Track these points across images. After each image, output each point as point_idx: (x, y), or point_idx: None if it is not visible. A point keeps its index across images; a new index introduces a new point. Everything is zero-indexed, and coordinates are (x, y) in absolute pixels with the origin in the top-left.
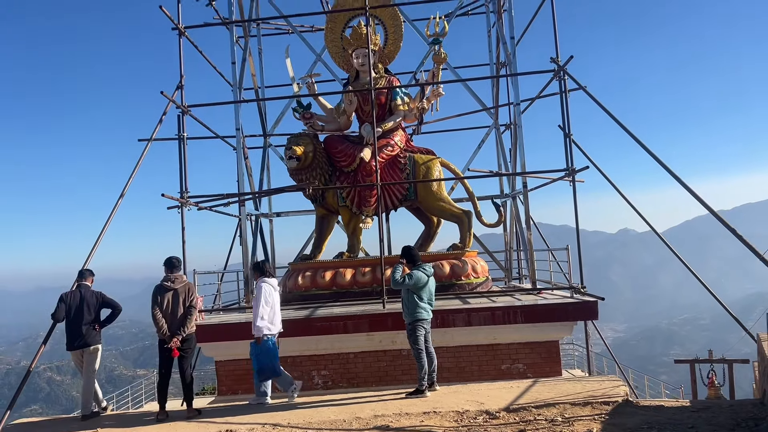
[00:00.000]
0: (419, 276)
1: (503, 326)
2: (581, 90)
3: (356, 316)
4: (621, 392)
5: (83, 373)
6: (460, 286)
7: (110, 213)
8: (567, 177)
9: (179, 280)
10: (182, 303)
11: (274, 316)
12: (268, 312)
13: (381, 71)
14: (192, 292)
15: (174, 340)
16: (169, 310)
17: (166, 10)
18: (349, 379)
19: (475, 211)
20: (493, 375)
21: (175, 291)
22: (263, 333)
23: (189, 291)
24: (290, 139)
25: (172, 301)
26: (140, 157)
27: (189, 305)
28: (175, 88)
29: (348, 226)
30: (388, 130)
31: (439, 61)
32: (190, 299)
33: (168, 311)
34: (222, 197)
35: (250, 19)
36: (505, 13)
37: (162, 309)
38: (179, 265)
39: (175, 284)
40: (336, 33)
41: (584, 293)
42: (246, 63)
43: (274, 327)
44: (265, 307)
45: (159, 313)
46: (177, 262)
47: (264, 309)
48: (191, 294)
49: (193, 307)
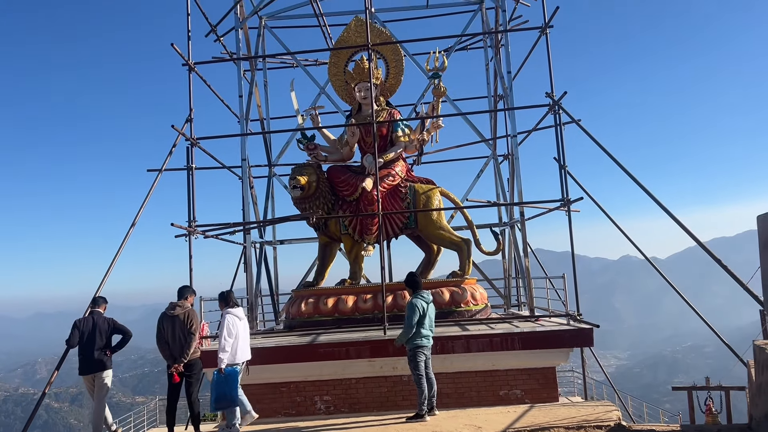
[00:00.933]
0: (413, 309)
1: (501, 353)
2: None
3: (358, 342)
4: (613, 417)
5: (95, 397)
6: (460, 313)
7: (122, 241)
8: (563, 207)
9: (180, 308)
10: (181, 329)
11: (238, 346)
12: (231, 343)
13: (383, 104)
14: (191, 319)
15: (174, 366)
16: (169, 337)
17: (177, 48)
18: (351, 405)
19: (474, 239)
20: (492, 401)
21: (176, 318)
22: (225, 364)
23: (188, 317)
24: (294, 169)
25: (172, 328)
26: (151, 186)
27: (188, 331)
28: (184, 121)
29: (350, 254)
30: (390, 160)
31: (438, 94)
32: (190, 326)
33: (168, 338)
34: (228, 226)
35: (257, 55)
36: (502, 48)
37: (164, 336)
38: (185, 293)
39: (175, 312)
40: (339, 67)
41: (580, 320)
42: (252, 96)
43: (237, 357)
44: (228, 339)
45: (161, 342)
46: (184, 290)
47: (227, 341)
48: (191, 321)
49: (191, 333)
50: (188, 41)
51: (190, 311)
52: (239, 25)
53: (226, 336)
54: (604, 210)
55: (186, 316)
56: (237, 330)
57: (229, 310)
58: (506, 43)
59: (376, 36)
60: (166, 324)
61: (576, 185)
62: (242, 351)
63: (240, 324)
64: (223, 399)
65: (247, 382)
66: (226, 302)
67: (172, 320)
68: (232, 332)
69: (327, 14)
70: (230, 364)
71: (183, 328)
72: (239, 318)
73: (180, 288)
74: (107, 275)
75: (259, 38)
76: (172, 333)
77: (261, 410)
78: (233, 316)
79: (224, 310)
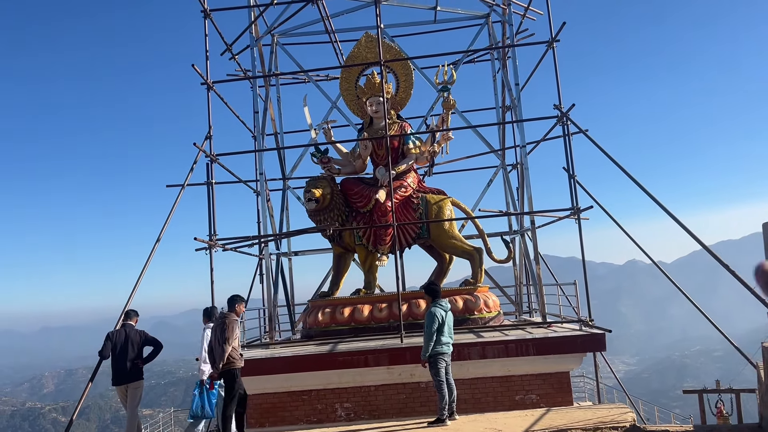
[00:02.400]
0: (432, 318)
1: (516, 359)
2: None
3: (376, 350)
4: (629, 419)
5: (127, 407)
6: (473, 320)
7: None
8: (573, 216)
9: (227, 318)
10: (218, 338)
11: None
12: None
13: (394, 117)
14: (226, 327)
15: (212, 372)
16: (210, 345)
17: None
18: (370, 411)
19: (486, 247)
20: (508, 405)
21: (215, 327)
22: (206, 376)
23: (223, 326)
24: (309, 182)
25: (212, 336)
26: (175, 201)
27: (222, 339)
28: (204, 138)
29: (364, 264)
30: (402, 172)
31: (448, 107)
32: (224, 334)
33: (210, 347)
34: (247, 239)
35: (271, 73)
36: (509, 60)
37: (211, 344)
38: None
39: (223, 320)
40: (351, 82)
41: (592, 326)
42: (266, 111)
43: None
44: (205, 354)
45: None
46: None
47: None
48: (225, 328)
49: (222, 342)
50: (206, 61)
51: (227, 320)
52: (254, 43)
53: (206, 350)
54: (614, 218)
55: (223, 324)
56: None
57: (209, 325)
58: (513, 56)
59: (386, 51)
60: (213, 333)
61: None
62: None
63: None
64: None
65: (271, 391)
66: (208, 317)
67: (215, 329)
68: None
69: (338, 30)
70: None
71: (219, 336)
72: None
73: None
74: (135, 289)
75: (272, 55)
76: (214, 341)
77: (284, 418)
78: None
79: (206, 325)
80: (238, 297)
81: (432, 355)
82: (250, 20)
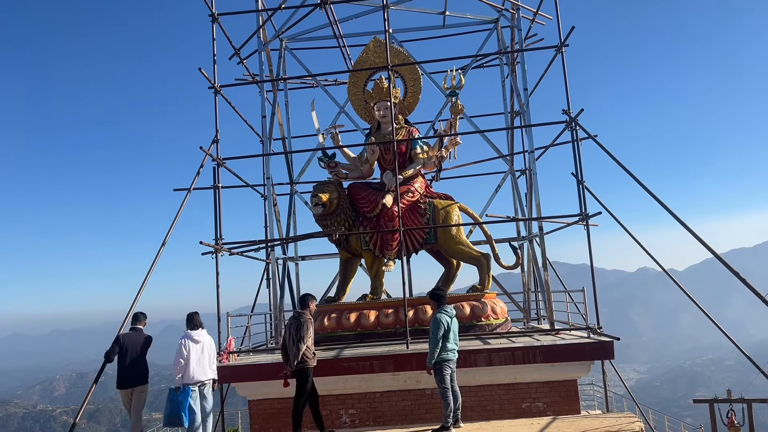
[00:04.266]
0: (438, 325)
1: (523, 366)
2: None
3: (381, 356)
4: (636, 428)
5: (131, 411)
6: (481, 326)
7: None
8: (581, 222)
9: (302, 317)
10: (293, 337)
11: (188, 368)
12: (182, 365)
13: (401, 122)
14: (301, 325)
15: (287, 369)
16: (286, 343)
17: (204, 72)
18: (375, 418)
19: (494, 253)
20: (514, 413)
21: (289, 325)
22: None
23: (298, 324)
24: (316, 186)
25: (289, 334)
26: (181, 205)
27: (297, 338)
28: (211, 142)
29: (371, 269)
30: (409, 177)
31: (456, 112)
32: (298, 333)
33: (285, 344)
34: (254, 243)
35: (278, 78)
36: (517, 65)
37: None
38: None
39: (297, 319)
40: (359, 87)
41: (601, 333)
42: (274, 116)
43: (186, 378)
44: (180, 361)
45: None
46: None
47: (179, 363)
48: (300, 327)
49: (297, 340)
50: (214, 65)
51: (304, 319)
52: (262, 48)
53: (177, 358)
54: (623, 225)
55: (299, 324)
56: (188, 352)
57: (187, 332)
58: (522, 61)
59: (395, 56)
60: (287, 331)
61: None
62: (194, 372)
63: (194, 347)
64: (172, 416)
65: (275, 396)
66: (187, 324)
67: (290, 327)
68: (183, 354)
69: (346, 35)
70: (187, 384)
71: (294, 335)
72: (195, 341)
73: (301, 297)
74: (140, 292)
75: (280, 60)
76: (289, 339)
77: (288, 424)
78: (187, 339)
79: (185, 332)
80: (310, 295)
81: (437, 362)
82: (258, 24)
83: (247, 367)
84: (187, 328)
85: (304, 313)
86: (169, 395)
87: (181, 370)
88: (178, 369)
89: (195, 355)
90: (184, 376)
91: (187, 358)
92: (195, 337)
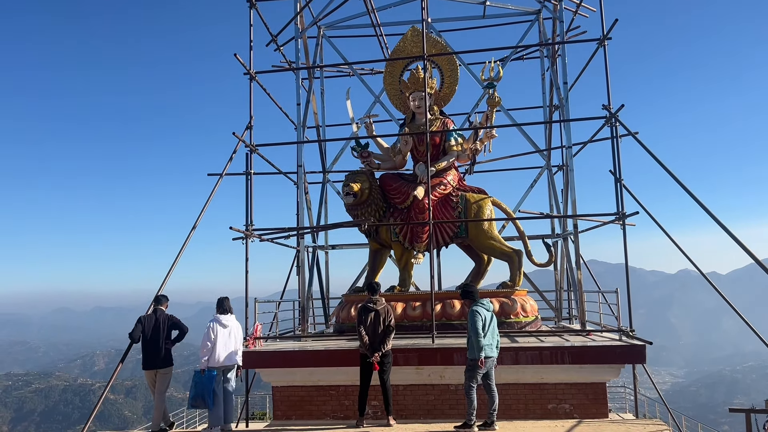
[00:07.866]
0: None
1: (551, 366)
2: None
3: (406, 349)
4: None
5: (155, 392)
6: (509, 324)
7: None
8: (618, 221)
9: (380, 303)
10: (382, 322)
11: (215, 351)
12: (209, 348)
13: (436, 113)
14: (390, 314)
15: (375, 355)
16: (371, 328)
17: (240, 58)
18: (397, 411)
19: (526, 250)
20: (539, 414)
21: (376, 311)
22: (203, 367)
23: (388, 312)
24: (348, 176)
25: (374, 320)
26: (212, 190)
27: (387, 325)
28: (244, 128)
29: (400, 261)
30: (442, 169)
31: (493, 104)
32: (389, 320)
33: (370, 329)
34: (284, 230)
35: (315, 65)
36: (558, 58)
37: (365, 326)
38: (378, 289)
39: (377, 306)
40: (395, 76)
41: (633, 336)
42: (309, 104)
43: (212, 362)
44: (207, 344)
45: (363, 330)
46: (377, 287)
47: (206, 346)
48: (389, 315)
49: (391, 327)
50: (250, 51)
51: (389, 307)
52: (299, 35)
53: (205, 341)
54: (661, 225)
55: (386, 311)
56: (215, 336)
57: (216, 317)
58: (563, 54)
59: (432, 46)
60: (366, 316)
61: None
62: (219, 356)
63: (222, 331)
64: (196, 399)
65: (299, 384)
66: (217, 309)
67: (373, 313)
68: (211, 337)
69: (384, 24)
70: (212, 366)
71: (383, 321)
72: (223, 325)
73: (371, 284)
74: (168, 275)
75: (316, 47)
76: (373, 325)
77: (311, 412)
78: (215, 323)
79: (215, 315)
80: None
81: (472, 358)
82: (296, 11)
83: (273, 353)
84: (216, 312)
85: (380, 299)
86: (194, 377)
87: (207, 353)
88: (204, 352)
89: (222, 339)
90: (209, 359)
91: (214, 341)
92: (223, 321)
